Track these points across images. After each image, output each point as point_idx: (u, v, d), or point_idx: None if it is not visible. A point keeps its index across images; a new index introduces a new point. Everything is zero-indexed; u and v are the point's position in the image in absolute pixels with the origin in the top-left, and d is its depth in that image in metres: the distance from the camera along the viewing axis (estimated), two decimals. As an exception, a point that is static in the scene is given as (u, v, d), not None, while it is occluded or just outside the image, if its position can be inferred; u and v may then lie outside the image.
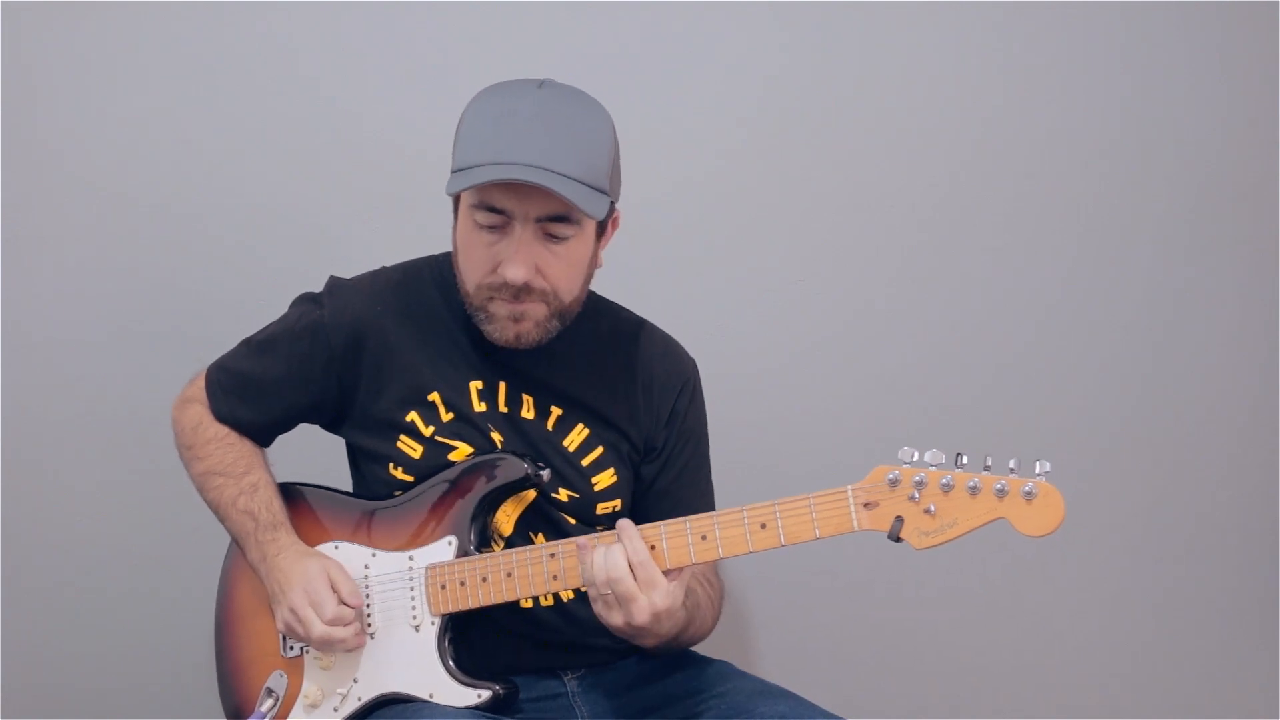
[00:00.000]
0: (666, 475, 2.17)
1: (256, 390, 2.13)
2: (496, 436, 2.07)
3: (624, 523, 1.88)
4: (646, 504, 2.13)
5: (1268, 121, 2.83)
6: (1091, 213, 2.81)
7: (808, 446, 2.74)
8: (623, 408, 2.13)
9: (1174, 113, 2.82)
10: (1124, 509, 2.87)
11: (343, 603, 1.96)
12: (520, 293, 1.96)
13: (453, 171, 1.95)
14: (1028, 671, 2.90)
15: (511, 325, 1.99)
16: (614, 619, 1.87)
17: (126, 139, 2.59)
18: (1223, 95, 2.83)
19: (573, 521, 2.10)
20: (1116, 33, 2.79)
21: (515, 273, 1.94)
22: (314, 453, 2.23)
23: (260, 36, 2.60)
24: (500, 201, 1.92)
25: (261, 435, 2.17)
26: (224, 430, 2.14)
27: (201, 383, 2.18)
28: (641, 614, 1.84)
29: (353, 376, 2.09)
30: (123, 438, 2.63)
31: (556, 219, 1.94)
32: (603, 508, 2.11)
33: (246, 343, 2.17)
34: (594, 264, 2.06)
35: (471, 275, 1.99)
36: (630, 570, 1.84)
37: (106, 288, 2.61)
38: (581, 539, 1.90)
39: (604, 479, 2.11)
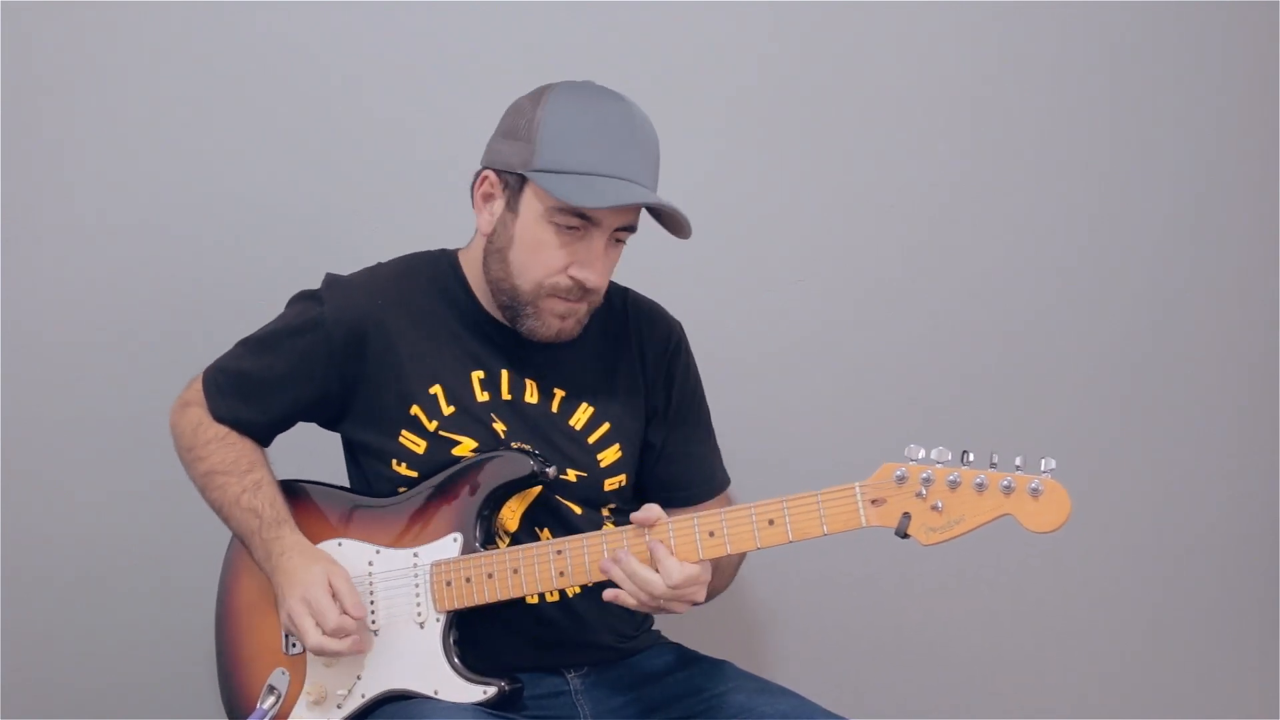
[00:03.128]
0: (674, 439, 2.19)
1: (256, 389, 2.12)
2: (500, 426, 2.07)
3: (659, 548, 1.89)
4: (660, 468, 2.16)
5: (1268, 121, 2.84)
6: (1092, 211, 2.82)
7: (811, 444, 2.75)
8: (622, 380, 2.15)
9: (1174, 113, 2.83)
10: (1124, 508, 2.88)
11: (345, 613, 1.96)
12: (585, 294, 2.00)
13: (544, 170, 1.96)
14: (1029, 671, 2.91)
15: (557, 322, 2.02)
16: (678, 609, 1.92)
17: (125, 139, 2.58)
18: (1223, 95, 2.83)
19: (579, 511, 2.10)
20: (1116, 33, 2.80)
21: (597, 280, 2.00)
22: (314, 451, 2.22)
23: (257, 36, 2.59)
24: (596, 212, 1.95)
25: (262, 434, 2.16)
26: (224, 430, 2.13)
27: (199, 385, 2.17)
28: (700, 594, 1.91)
29: (355, 372, 2.08)
30: (123, 437, 2.62)
31: (626, 228, 2.01)
32: (610, 484, 2.12)
33: (244, 343, 2.16)
34: None
35: (533, 273, 2.00)
36: (672, 589, 1.88)
37: (106, 287, 2.60)
38: (606, 562, 1.91)
39: (609, 455, 2.12)
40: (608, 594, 1.91)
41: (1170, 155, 2.83)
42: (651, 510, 1.92)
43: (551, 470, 2.03)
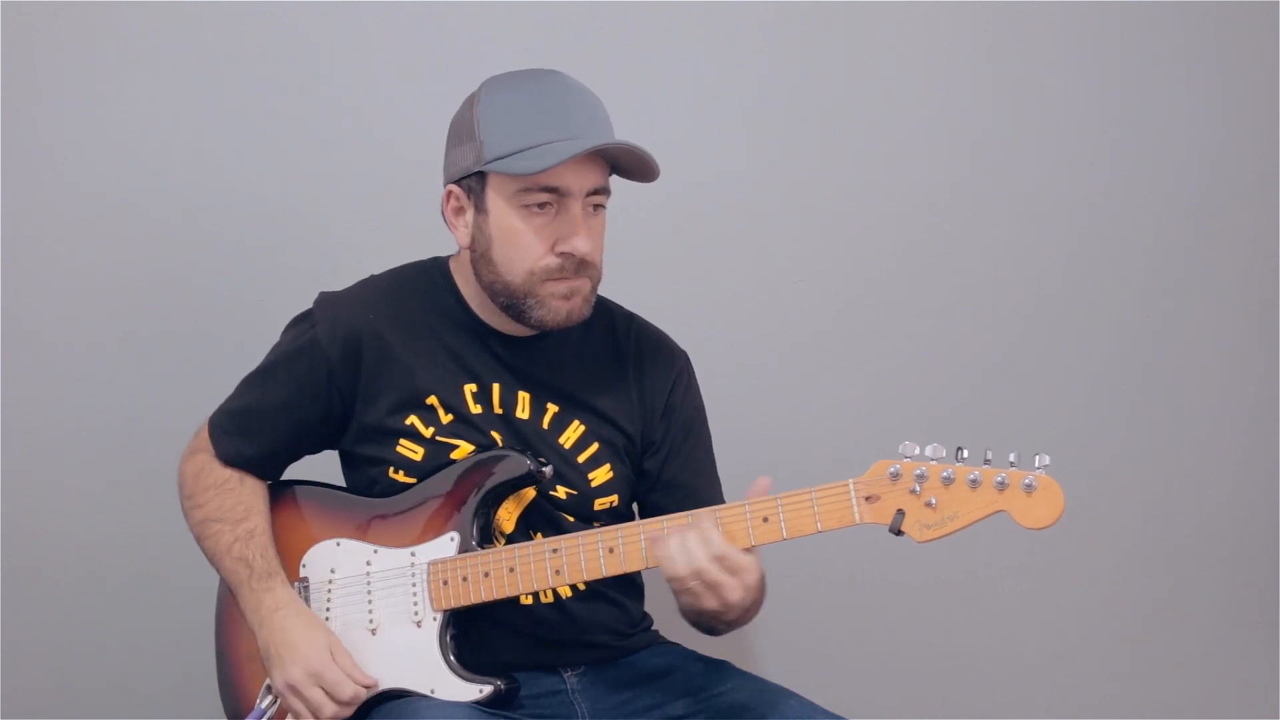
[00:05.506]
0: (671, 467, 2.17)
1: (258, 421, 2.12)
2: (495, 435, 2.07)
3: (701, 515, 1.87)
4: (655, 497, 2.15)
5: (1268, 121, 2.84)
6: (1091, 212, 2.82)
7: (809, 444, 2.74)
8: (618, 403, 2.14)
9: (1174, 113, 2.83)
10: (1124, 508, 2.88)
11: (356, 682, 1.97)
12: (580, 267, 1.99)
13: (496, 158, 1.96)
14: (1028, 671, 2.90)
15: (563, 304, 2.00)
16: (708, 604, 1.86)
17: (125, 140, 2.59)
18: (1223, 95, 2.83)
19: (571, 519, 2.09)
20: (1116, 33, 2.80)
21: (584, 245, 1.97)
22: (313, 455, 2.23)
23: (261, 37, 2.60)
24: (561, 180, 1.94)
25: (269, 468, 2.16)
26: (225, 476, 2.13)
27: (205, 433, 2.17)
28: (734, 593, 1.84)
29: (351, 385, 2.08)
30: (124, 438, 2.63)
31: (599, 191, 1.99)
32: (600, 503, 2.12)
33: (245, 380, 2.17)
34: None
35: (522, 262, 1.99)
36: (715, 561, 1.83)
37: (107, 287, 2.61)
38: (654, 531, 1.89)
39: (600, 475, 2.11)
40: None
41: (1170, 156, 2.83)
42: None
43: (548, 470, 2.03)
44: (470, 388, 2.09)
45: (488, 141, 1.97)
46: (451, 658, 1.98)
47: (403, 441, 2.07)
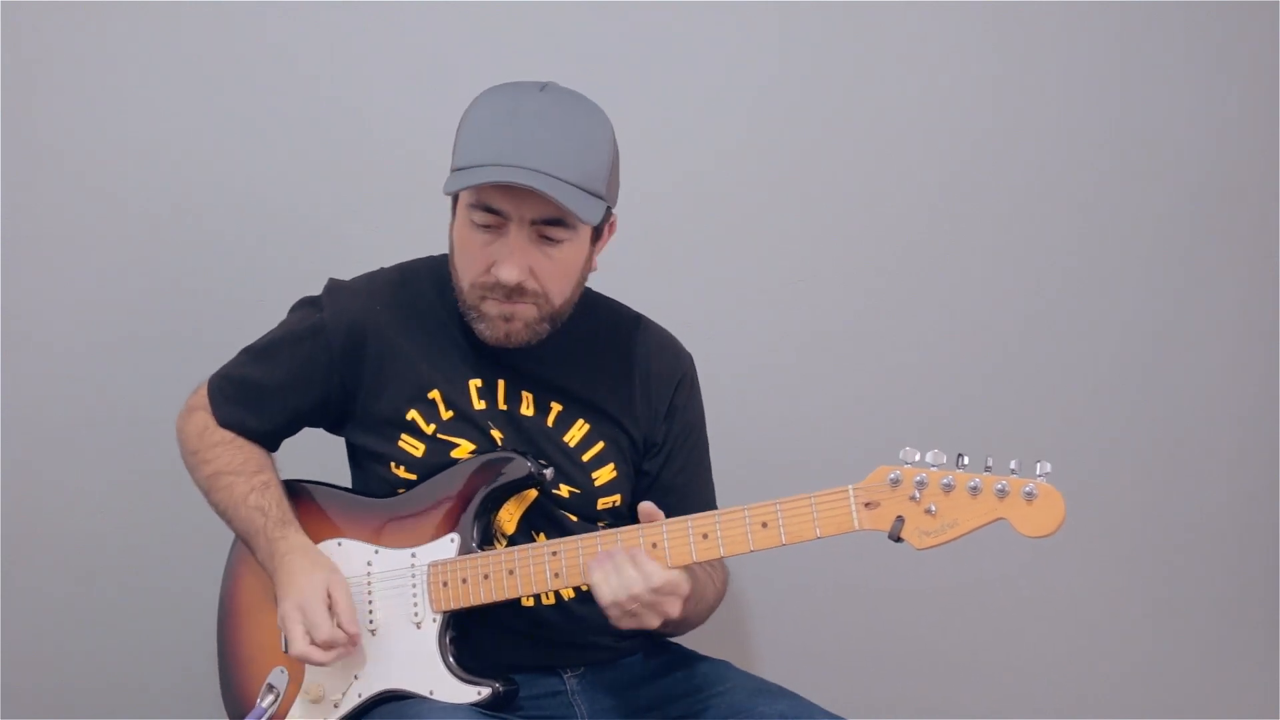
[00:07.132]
0: (669, 470, 2.18)
1: (260, 396, 2.14)
2: (497, 434, 2.08)
3: (639, 553, 1.89)
4: (650, 499, 2.13)
5: (1268, 121, 2.83)
6: (1092, 212, 2.82)
7: (809, 446, 2.74)
8: (622, 403, 2.14)
9: (1174, 112, 2.82)
10: (1124, 509, 2.87)
11: (339, 626, 1.96)
12: (512, 293, 1.98)
13: (453, 170, 1.97)
14: (1027, 671, 2.90)
15: (502, 324, 2.01)
16: (650, 623, 1.90)
17: (126, 140, 2.59)
18: (1223, 95, 2.83)
19: (574, 519, 2.10)
20: (1116, 32, 2.79)
21: (509, 274, 1.95)
22: (315, 451, 2.23)
23: (261, 37, 2.60)
24: (498, 202, 1.93)
25: (267, 441, 2.17)
26: (230, 434, 2.14)
27: (204, 392, 2.18)
28: (671, 613, 1.90)
29: (354, 376, 2.09)
30: (124, 438, 2.63)
31: (551, 222, 1.96)
32: (603, 503, 2.12)
33: (247, 350, 2.17)
34: (588, 268, 2.07)
35: (466, 274, 2.00)
36: (651, 591, 1.87)
37: (107, 289, 2.61)
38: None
39: (604, 474, 2.12)
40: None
41: (1170, 156, 2.82)
42: (655, 509, 1.93)
43: (549, 473, 2.04)
44: (475, 383, 2.09)
45: (455, 151, 1.99)
46: (450, 659, 1.98)
47: (404, 436, 2.08)
